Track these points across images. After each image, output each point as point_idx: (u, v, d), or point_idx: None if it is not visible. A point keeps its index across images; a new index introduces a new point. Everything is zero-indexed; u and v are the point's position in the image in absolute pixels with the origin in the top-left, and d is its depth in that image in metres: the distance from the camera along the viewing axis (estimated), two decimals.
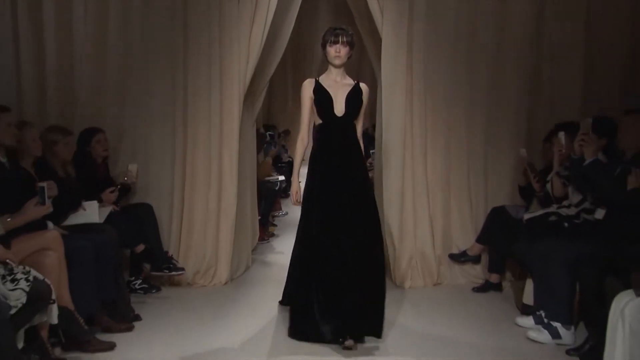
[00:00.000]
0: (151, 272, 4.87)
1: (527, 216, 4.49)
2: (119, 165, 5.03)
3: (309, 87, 3.89)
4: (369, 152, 6.79)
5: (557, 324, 3.80)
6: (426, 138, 5.15)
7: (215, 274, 5.16)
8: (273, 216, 7.83)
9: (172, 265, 4.81)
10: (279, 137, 10.33)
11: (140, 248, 4.70)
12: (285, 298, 4.43)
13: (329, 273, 3.67)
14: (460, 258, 5.11)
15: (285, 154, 10.23)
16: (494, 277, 4.93)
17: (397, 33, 5.01)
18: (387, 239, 4.92)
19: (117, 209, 4.61)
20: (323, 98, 3.85)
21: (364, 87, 3.96)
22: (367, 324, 3.73)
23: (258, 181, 6.29)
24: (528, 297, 4.24)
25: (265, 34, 5.03)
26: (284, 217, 8.38)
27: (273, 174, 8.06)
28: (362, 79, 4.08)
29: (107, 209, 4.50)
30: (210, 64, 5.07)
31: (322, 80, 3.90)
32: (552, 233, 4.13)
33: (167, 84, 5.11)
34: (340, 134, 3.88)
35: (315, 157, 3.91)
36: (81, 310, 3.61)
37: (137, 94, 5.12)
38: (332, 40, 3.78)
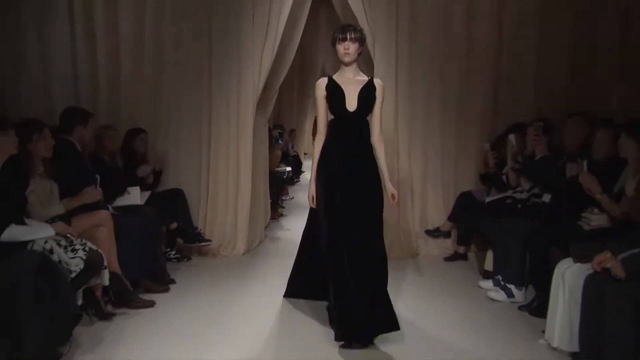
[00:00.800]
0: (184, 244, 4.90)
1: (488, 199, 4.54)
2: (155, 156, 5.02)
3: (321, 85, 3.25)
4: None
5: (511, 286, 3.82)
6: (409, 135, 5.11)
7: (234, 247, 5.16)
8: (282, 200, 7.80)
9: (200, 238, 4.84)
10: (289, 134, 10.35)
11: (174, 225, 4.73)
12: (288, 292, 3.86)
13: (337, 271, 3.06)
14: (434, 233, 5.10)
15: (292, 149, 10.25)
16: (461, 249, 4.95)
17: (387, 54, 4.96)
18: None
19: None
20: (335, 94, 3.21)
21: (378, 83, 3.30)
22: (378, 325, 3.03)
23: (269, 171, 6.28)
24: (488, 264, 4.25)
25: (275, 50, 4.98)
26: (290, 201, 8.35)
27: (281, 166, 8.09)
28: None
29: (146, 193, 4.51)
30: (230, 75, 5.07)
31: (336, 78, 3.26)
32: (509, 213, 4.15)
33: (195, 93, 5.11)
34: (352, 130, 3.24)
35: (325, 152, 3.26)
36: (127, 275, 3.62)
37: (170, 101, 5.12)
38: (340, 37, 3.15)
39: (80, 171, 3.70)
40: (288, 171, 8.27)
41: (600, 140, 3.49)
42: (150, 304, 3.68)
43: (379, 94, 3.27)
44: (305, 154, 12.45)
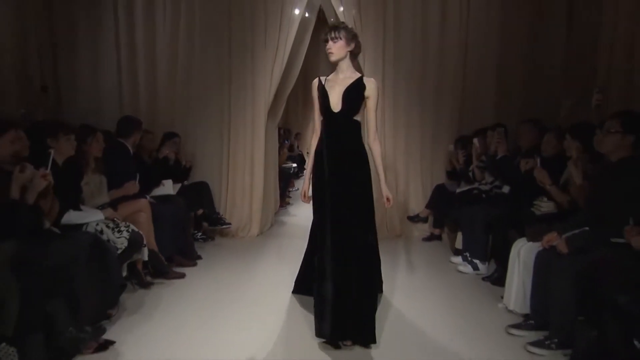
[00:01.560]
0: (208, 227, 4.91)
1: (458, 190, 4.54)
2: (186, 155, 5.01)
3: (314, 85, 2.78)
4: None
5: (476, 261, 3.84)
6: (394, 134, 5.10)
7: (250, 229, 5.17)
8: (289, 191, 7.78)
9: (222, 222, 4.85)
10: (295, 136, 10.33)
11: (200, 211, 4.75)
12: (297, 288, 3.31)
13: (325, 269, 2.52)
14: (414, 219, 5.12)
15: (297, 149, 10.24)
16: (436, 231, 4.96)
17: (374, 67, 4.94)
18: None
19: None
20: (321, 95, 2.72)
21: (368, 81, 2.71)
22: (360, 331, 2.51)
23: (278, 167, 6.27)
24: (458, 243, 4.28)
25: (283, 66, 4.97)
26: (295, 192, 8.26)
27: (288, 162, 8.10)
28: None
29: (177, 185, 4.51)
30: (246, 87, 5.07)
31: (329, 78, 2.77)
32: (475, 201, 4.17)
33: (217, 102, 5.11)
34: (339, 130, 2.68)
35: (318, 151, 2.77)
36: (162, 252, 3.66)
37: (197, 108, 5.12)
38: (323, 39, 2.71)
39: (126, 169, 3.72)
40: (294, 167, 8.28)
41: (547, 142, 3.51)
42: (182, 276, 3.71)
43: (370, 93, 2.69)
44: (307, 152, 12.34)
